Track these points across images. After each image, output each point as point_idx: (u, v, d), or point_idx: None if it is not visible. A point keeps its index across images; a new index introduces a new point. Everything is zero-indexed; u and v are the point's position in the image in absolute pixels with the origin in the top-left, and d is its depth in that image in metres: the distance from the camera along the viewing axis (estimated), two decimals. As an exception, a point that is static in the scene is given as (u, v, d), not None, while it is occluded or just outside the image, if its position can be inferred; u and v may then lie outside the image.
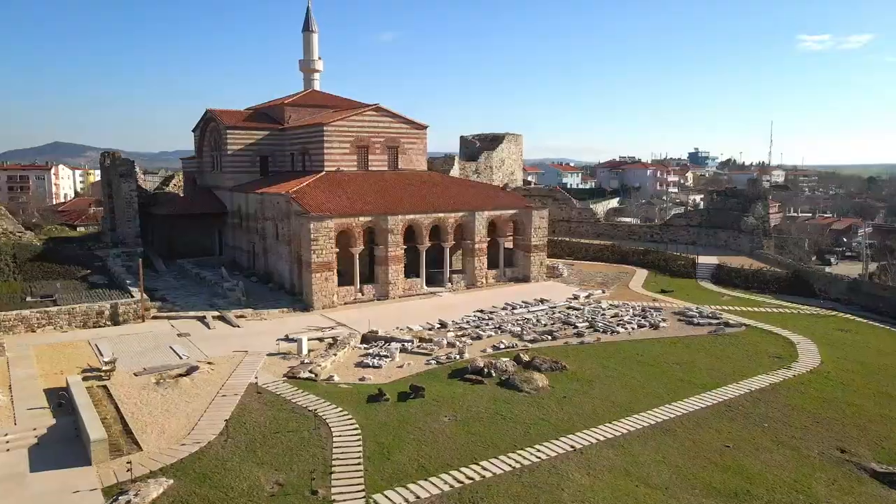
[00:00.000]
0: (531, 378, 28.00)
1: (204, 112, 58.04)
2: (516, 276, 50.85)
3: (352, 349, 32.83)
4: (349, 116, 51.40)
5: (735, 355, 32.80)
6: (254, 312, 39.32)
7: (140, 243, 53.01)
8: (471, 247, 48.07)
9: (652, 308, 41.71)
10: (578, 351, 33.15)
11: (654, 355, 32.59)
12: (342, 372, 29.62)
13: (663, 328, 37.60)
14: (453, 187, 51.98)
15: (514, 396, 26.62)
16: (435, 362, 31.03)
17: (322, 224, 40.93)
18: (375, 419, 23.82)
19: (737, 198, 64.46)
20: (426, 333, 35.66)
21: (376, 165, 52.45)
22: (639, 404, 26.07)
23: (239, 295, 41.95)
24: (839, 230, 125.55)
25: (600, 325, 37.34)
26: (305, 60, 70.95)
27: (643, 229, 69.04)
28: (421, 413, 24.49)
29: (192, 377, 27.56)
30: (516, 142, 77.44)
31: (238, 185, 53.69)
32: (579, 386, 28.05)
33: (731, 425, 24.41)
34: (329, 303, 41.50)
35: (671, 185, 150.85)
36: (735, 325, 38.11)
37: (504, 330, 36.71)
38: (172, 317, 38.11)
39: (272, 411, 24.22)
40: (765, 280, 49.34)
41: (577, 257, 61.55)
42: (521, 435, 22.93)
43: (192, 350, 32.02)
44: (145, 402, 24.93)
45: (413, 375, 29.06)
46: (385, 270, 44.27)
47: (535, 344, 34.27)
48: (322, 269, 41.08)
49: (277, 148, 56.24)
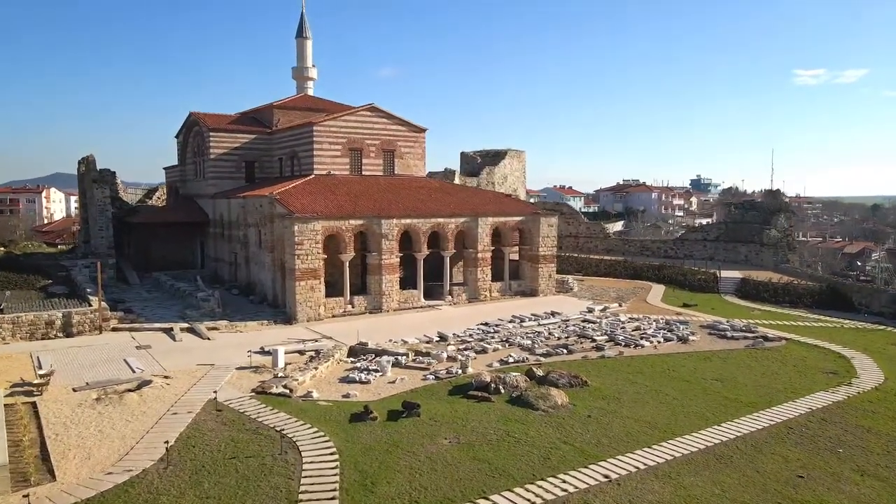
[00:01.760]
0: (547, 394, 23.43)
1: (187, 116, 54.27)
2: (523, 289, 46.34)
3: (336, 363, 28.27)
4: (341, 116, 47.54)
5: (782, 371, 28.24)
6: (229, 324, 34.80)
7: (113, 254, 48.73)
8: (473, 256, 43.66)
9: (677, 321, 37.20)
10: (599, 365, 28.61)
11: (688, 370, 28.06)
12: (323, 388, 25.04)
13: (693, 342, 33.07)
14: (454, 193, 47.89)
15: (529, 415, 22.03)
16: (433, 377, 26.48)
17: (308, 226, 36.63)
18: (358, 442, 19.20)
19: (756, 210, 60.34)
20: (423, 346, 31.12)
21: (370, 170, 48.42)
22: (680, 425, 21.47)
23: (214, 306, 37.43)
24: (852, 254, 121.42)
25: (621, 338, 32.83)
26: (299, 68, 67.84)
27: (656, 244, 64.72)
28: (415, 434, 19.90)
29: (142, 392, 22.98)
30: (519, 158, 73.79)
31: (221, 192, 49.59)
32: (605, 404, 23.46)
33: (798, 451, 19.78)
34: (314, 315, 36.96)
35: (677, 208, 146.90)
36: (774, 338, 33.57)
37: (512, 343, 32.19)
38: (135, 328, 33.58)
39: (231, 432, 19.61)
40: (797, 294, 44.88)
41: (587, 273, 57.16)
42: (539, 461, 18.31)
43: (150, 363, 27.47)
44: (76, 422, 20.33)
45: (407, 392, 24.51)
46: (378, 280, 39.80)
47: (549, 358, 29.73)
48: (307, 276, 36.65)
49: (265, 153, 52.28)
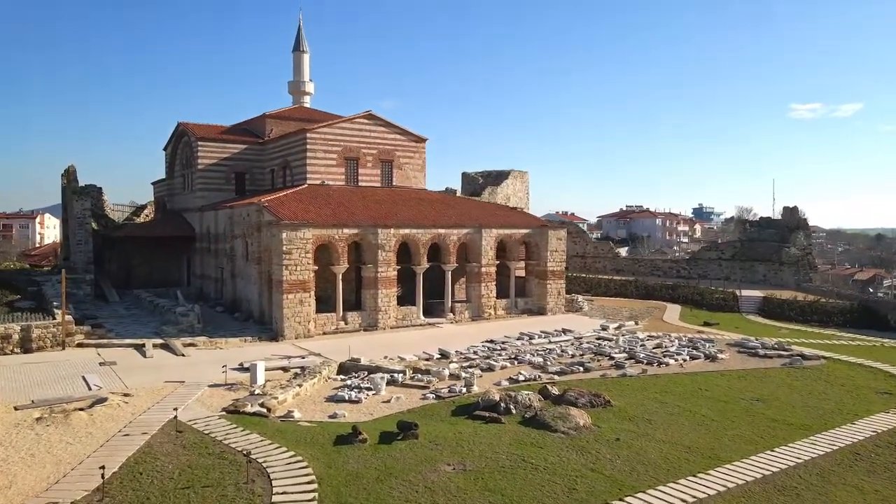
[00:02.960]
0: (567, 414, 20.13)
1: (175, 126, 51.71)
2: (530, 307, 43.09)
3: (324, 380, 24.97)
4: (336, 124, 44.93)
5: (829, 391, 24.95)
6: (207, 341, 31.55)
7: (91, 270, 45.65)
8: (476, 270, 40.53)
9: (701, 339, 33.95)
10: (621, 384, 25.33)
11: (723, 389, 24.76)
12: (307, 407, 21.74)
13: (722, 360, 29.78)
14: (456, 205, 45.04)
15: (546, 438, 18.72)
16: (434, 396, 23.18)
17: (297, 234, 33.63)
18: (343, 468, 15.88)
19: (773, 228, 57.46)
20: (422, 364, 27.83)
21: (367, 180, 45.62)
22: (725, 450, 18.15)
23: (193, 322, 34.16)
24: (863, 280, 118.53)
25: (642, 356, 29.55)
26: (295, 82, 65.49)
27: (667, 264, 61.74)
28: (412, 459, 16.58)
29: (93, 412, 19.69)
30: (522, 179, 71.18)
31: (209, 204, 46.68)
32: (634, 426, 20.15)
33: (873, 481, 16.45)
34: (304, 331, 33.71)
35: (681, 234, 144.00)
36: (812, 357, 30.31)
37: (522, 361, 28.91)
38: (103, 344, 30.33)
39: (189, 456, 16.28)
40: (825, 312, 41.70)
41: (596, 293, 53.85)
42: (563, 492, 14.99)
43: (112, 380, 24.18)
44: (7, 444, 17.03)
45: (403, 412, 21.21)
46: (374, 295, 36.61)
47: (564, 377, 26.44)
48: (296, 288, 33.50)
49: (256, 164, 49.56)
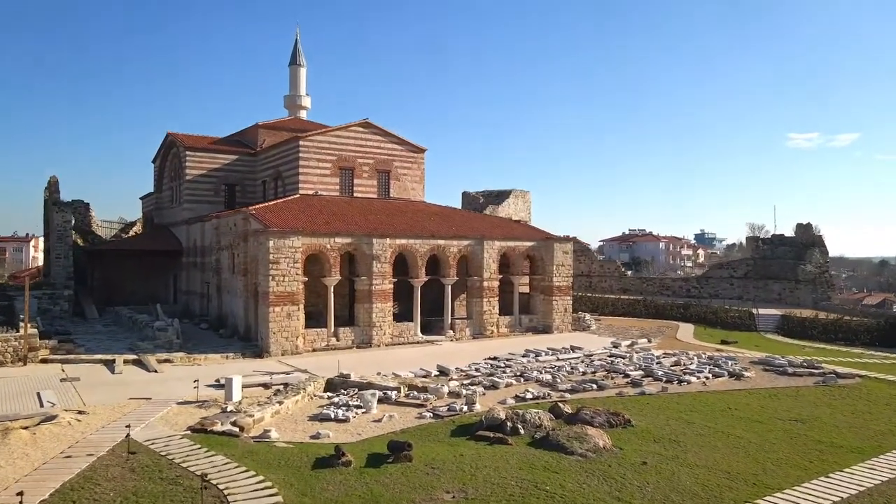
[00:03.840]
0: (583, 434, 17.51)
1: (164, 137, 49.70)
2: (535, 325, 40.49)
3: (309, 397, 22.35)
4: (331, 132, 42.89)
5: (875, 411, 22.32)
6: (185, 357, 28.93)
7: (70, 285, 43.20)
8: (478, 285, 38.02)
9: (722, 357, 31.34)
10: (640, 403, 22.70)
11: (755, 409, 22.13)
12: (287, 426, 19.11)
13: (748, 378, 27.17)
14: (456, 217, 42.75)
15: (562, 461, 16.07)
16: (431, 415, 20.56)
17: (285, 242, 31.25)
18: (320, 496, 13.26)
19: (787, 245, 55.14)
20: (419, 381, 25.20)
21: (363, 191, 43.42)
22: (771, 476, 15.51)
23: (172, 337, 31.59)
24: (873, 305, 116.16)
25: (660, 374, 26.94)
26: (291, 96, 63.76)
27: (677, 283, 59.17)
28: (404, 486, 13.95)
29: (37, 430, 17.08)
30: (524, 198, 69.20)
31: (196, 216, 44.35)
32: (661, 448, 17.51)
33: (954, 512, 13.82)
34: (291, 348, 31.11)
35: (685, 259, 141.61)
36: (846, 375, 27.70)
37: (529, 378, 26.30)
38: (69, 360, 27.70)
39: (138, 482, 13.66)
40: (850, 330, 39.11)
41: (603, 313, 51.23)
42: (587, 527, 12.36)
43: (69, 398, 21.59)
44: (-75, 466, 14.43)
45: (396, 432, 18.59)
46: (368, 309, 34.07)
47: (576, 395, 23.83)
48: (283, 301, 30.99)
49: (247, 175, 47.44)
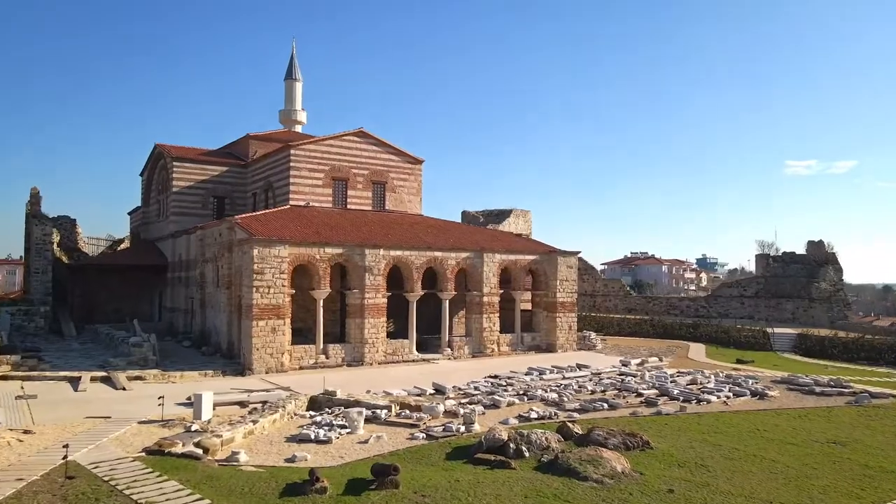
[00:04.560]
0: (598, 458, 15.23)
1: (153, 148, 47.97)
2: (538, 343, 38.21)
3: (289, 417, 20.07)
4: (324, 141, 41.13)
5: (919, 431, 20.04)
6: (160, 374, 26.70)
7: (48, 301, 41.06)
8: (478, 300, 35.86)
9: (741, 376, 29.07)
10: (658, 423, 20.41)
11: (786, 431, 19.84)
12: (261, 448, 16.83)
13: (772, 397, 24.88)
14: (454, 230, 40.74)
15: (574, 488, 13.80)
16: (424, 436, 18.28)
17: (271, 251, 29.19)
18: (286, 530, 10.99)
19: (799, 263, 53.05)
20: (412, 399, 22.93)
21: (357, 203, 41.50)
22: (820, 506, 13.24)
23: (147, 353, 29.29)
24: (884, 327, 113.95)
25: (676, 392, 24.67)
26: (287, 111, 62.42)
27: (684, 303, 56.92)
28: (386, 518, 11.69)
29: (-32, 450, 14.83)
30: (525, 217, 67.40)
31: (182, 229, 42.34)
32: (687, 473, 15.22)
33: None
34: (276, 365, 28.86)
35: (689, 282, 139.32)
36: (880, 395, 25.41)
37: (533, 397, 24.01)
38: (31, 377, 25.46)
39: (67, 512, 11.41)
40: (873, 349, 36.88)
41: (608, 332, 49.05)
42: (609, 569, 10.08)
43: (19, 416, 19.36)
44: None
45: (384, 455, 16.32)
46: (360, 325, 31.87)
47: (585, 414, 21.56)
48: (268, 314, 28.83)
49: (237, 187, 45.61)
